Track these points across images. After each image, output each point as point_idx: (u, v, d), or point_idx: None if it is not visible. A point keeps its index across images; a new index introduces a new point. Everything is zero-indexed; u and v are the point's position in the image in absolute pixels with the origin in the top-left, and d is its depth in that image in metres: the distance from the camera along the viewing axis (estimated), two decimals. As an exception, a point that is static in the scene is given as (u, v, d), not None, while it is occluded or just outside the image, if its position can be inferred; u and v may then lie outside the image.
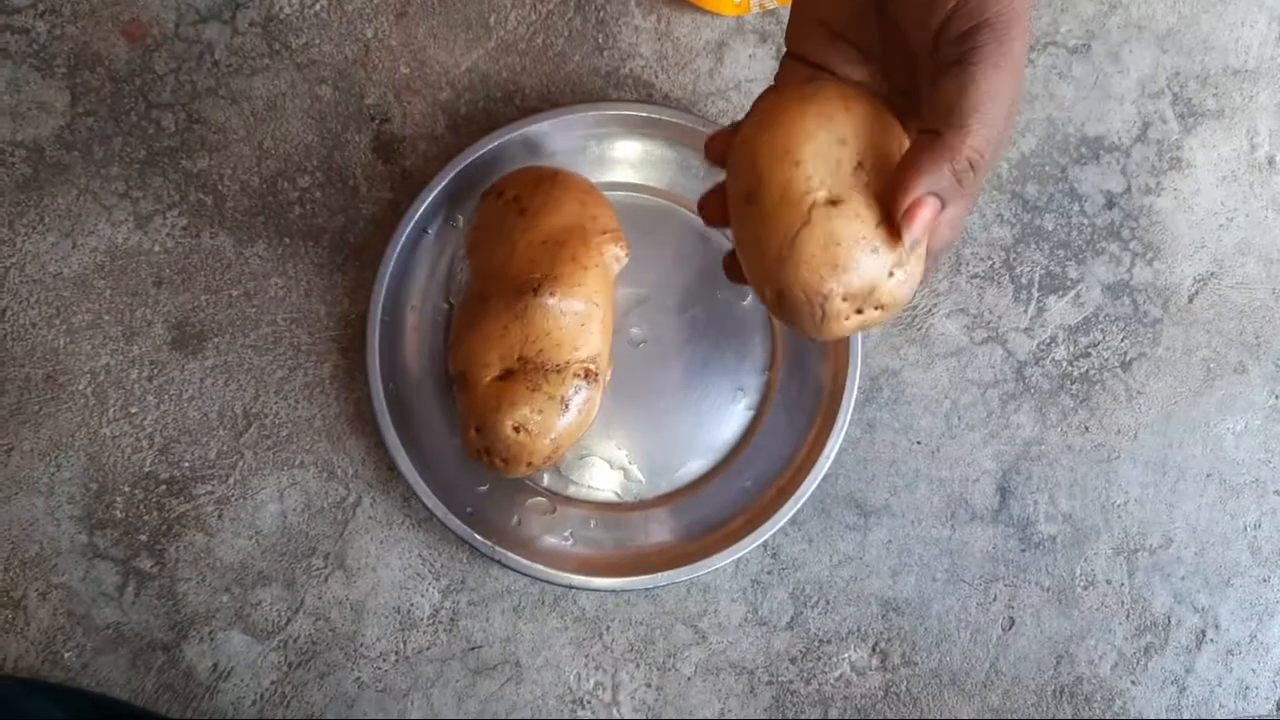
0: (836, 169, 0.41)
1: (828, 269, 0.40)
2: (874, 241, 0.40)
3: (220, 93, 0.67)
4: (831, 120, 0.41)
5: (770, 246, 0.40)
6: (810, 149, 0.41)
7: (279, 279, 0.66)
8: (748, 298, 0.66)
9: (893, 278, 0.41)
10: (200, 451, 0.64)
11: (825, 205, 0.40)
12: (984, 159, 0.39)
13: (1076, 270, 0.69)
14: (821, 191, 0.40)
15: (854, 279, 0.40)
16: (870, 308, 0.41)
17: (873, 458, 0.66)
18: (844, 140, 0.41)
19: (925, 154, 0.39)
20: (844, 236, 0.40)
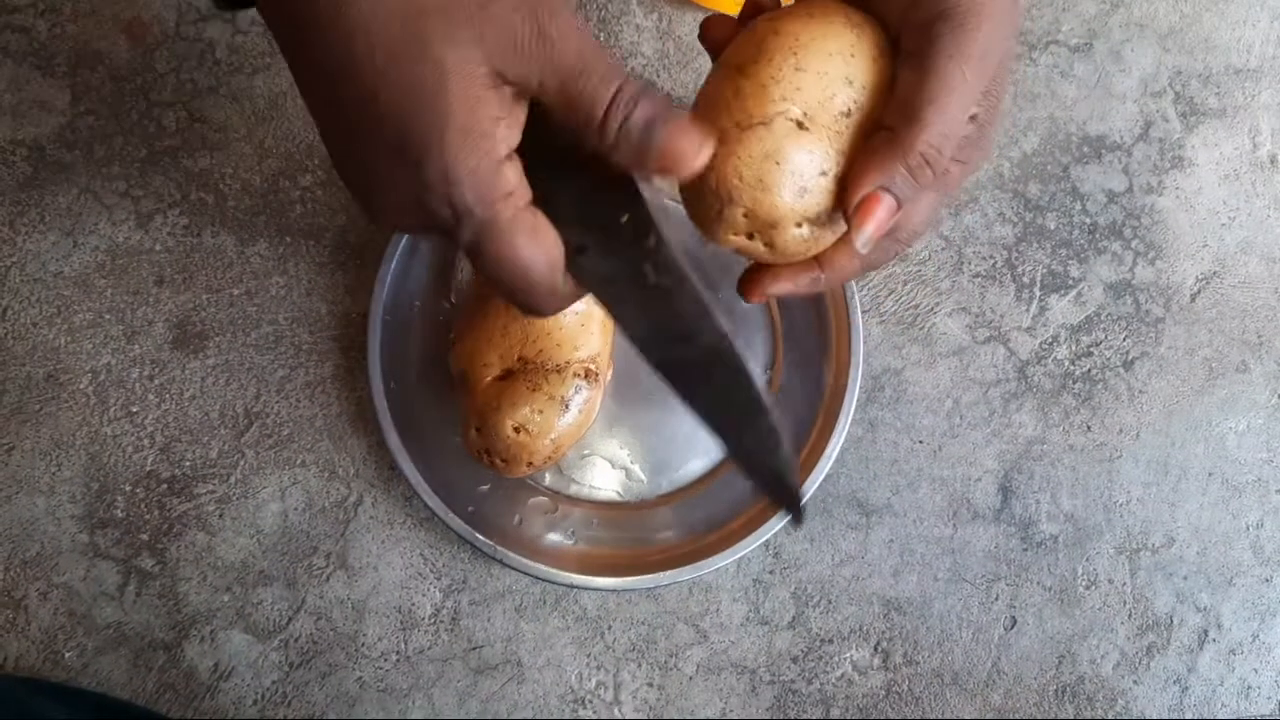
0: (827, 101, 0.38)
1: (753, 178, 0.38)
2: (806, 184, 0.38)
3: (221, 91, 0.67)
4: (853, 59, 0.39)
5: (723, 119, 0.38)
6: (819, 66, 0.38)
7: (280, 278, 0.66)
8: (749, 297, 0.66)
9: (798, 229, 0.39)
10: (201, 451, 0.64)
11: (792, 122, 0.38)
12: (941, 154, 0.37)
13: (1078, 269, 0.68)
14: (798, 109, 0.38)
15: (766, 205, 0.38)
16: (760, 241, 0.39)
17: (875, 457, 0.66)
18: (851, 82, 0.39)
19: (878, 150, 0.38)
20: (787, 160, 0.38)
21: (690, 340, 0.38)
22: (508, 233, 0.36)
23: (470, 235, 0.36)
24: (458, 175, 0.35)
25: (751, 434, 0.38)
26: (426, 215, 0.36)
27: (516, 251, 0.37)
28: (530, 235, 0.37)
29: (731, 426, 0.38)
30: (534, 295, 0.38)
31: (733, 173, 0.38)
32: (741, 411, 0.38)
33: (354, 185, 0.38)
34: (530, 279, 0.37)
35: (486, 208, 0.35)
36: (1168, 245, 0.69)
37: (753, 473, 0.38)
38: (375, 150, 0.36)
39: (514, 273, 0.37)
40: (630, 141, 0.36)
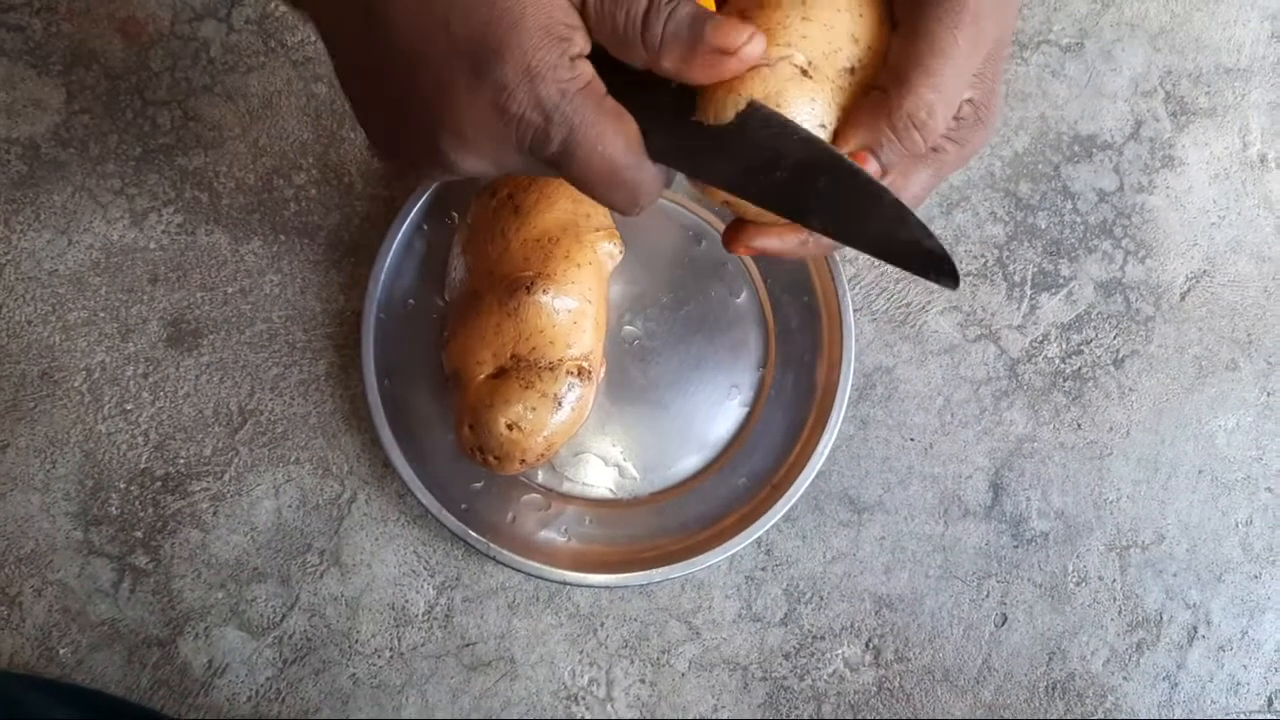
0: (832, 55, 0.38)
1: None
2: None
3: (216, 90, 0.67)
4: (860, 18, 0.39)
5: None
6: (826, 18, 0.38)
7: (274, 276, 0.66)
8: (742, 294, 0.67)
9: None
10: (195, 448, 0.64)
11: (796, 68, 0.37)
12: (929, 120, 0.37)
13: (1069, 268, 0.69)
14: (802, 56, 0.38)
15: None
16: None
17: (866, 454, 0.66)
18: (856, 40, 0.39)
19: (866, 109, 0.38)
20: (788, 104, 0.37)
21: (778, 163, 0.37)
22: (597, 123, 0.36)
23: (562, 132, 0.36)
24: (541, 69, 0.35)
25: (877, 218, 0.36)
26: (508, 126, 0.36)
27: (607, 142, 0.36)
28: (616, 120, 0.36)
29: (857, 220, 0.36)
30: (624, 186, 0.38)
31: (730, 104, 0.37)
32: (858, 201, 0.36)
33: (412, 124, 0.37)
34: (619, 166, 0.37)
35: (573, 100, 0.35)
36: (1158, 244, 0.69)
37: (893, 255, 0.35)
38: (446, 68, 0.35)
39: (604, 164, 0.36)
40: (678, 40, 0.35)
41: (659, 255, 0.67)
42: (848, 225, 0.36)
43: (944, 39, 0.37)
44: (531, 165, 0.38)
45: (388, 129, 0.39)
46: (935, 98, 0.37)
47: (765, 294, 0.67)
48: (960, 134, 0.39)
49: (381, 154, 0.42)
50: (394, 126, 0.38)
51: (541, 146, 0.36)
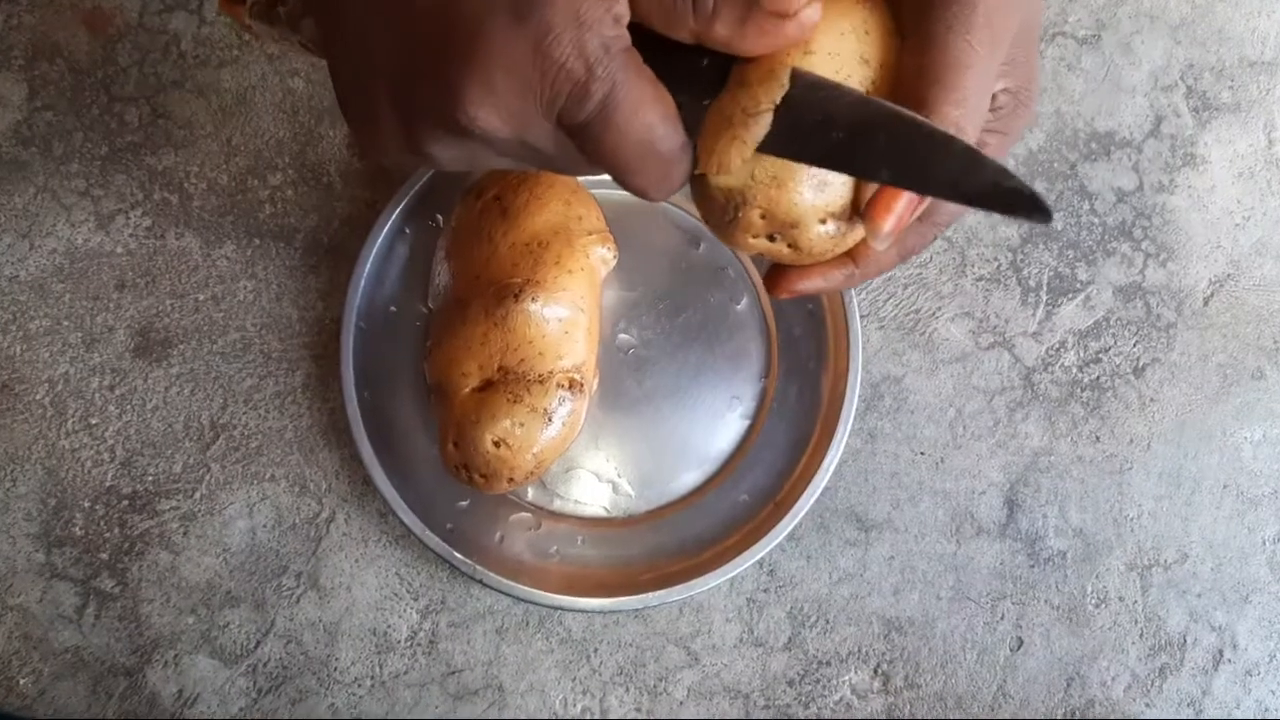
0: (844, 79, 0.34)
1: (766, 174, 0.34)
2: (828, 177, 0.35)
3: (186, 86, 0.64)
4: (868, 35, 0.35)
5: (727, 108, 0.34)
6: (830, 46, 0.34)
7: (248, 282, 0.62)
8: (742, 300, 0.63)
9: (822, 226, 0.36)
10: (165, 465, 0.61)
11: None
12: (963, 134, 0.34)
13: (1087, 272, 0.65)
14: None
15: (783, 203, 0.34)
16: (783, 242, 0.36)
17: (874, 469, 0.63)
18: (866, 61, 0.35)
19: None
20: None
21: (833, 123, 0.33)
22: (639, 85, 0.33)
23: (603, 89, 0.32)
24: (589, 19, 0.31)
25: (950, 165, 0.32)
26: (545, 75, 0.32)
27: (647, 107, 0.33)
28: (654, 87, 0.33)
29: (929, 170, 0.32)
30: (658, 160, 0.34)
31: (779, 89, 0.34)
32: (927, 151, 0.32)
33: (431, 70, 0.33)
34: (656, 137, 0.33)
35: (616, 58, 0.32)
36: (1180, 246, 0.66)
37: (972, 200, 0.32)
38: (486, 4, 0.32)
39: (642, 133, 0.33)
40: (733, 3, 0.32)
41: (655, 259, 0.64)
42: (919, 176, 0.32)
43: (958, 48, 0.33)
44: (544, 138, 0.34)
45: (397, 83, 0.35)
46: (960, 114, 0.34)
47: (767, 300, 0.63)
48: (1000, 124, 0.36)
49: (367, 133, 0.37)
50: (407, 76, 0.34)
51: (577, 104, 0.33)
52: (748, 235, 0.36)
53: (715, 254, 0.64)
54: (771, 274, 0.40)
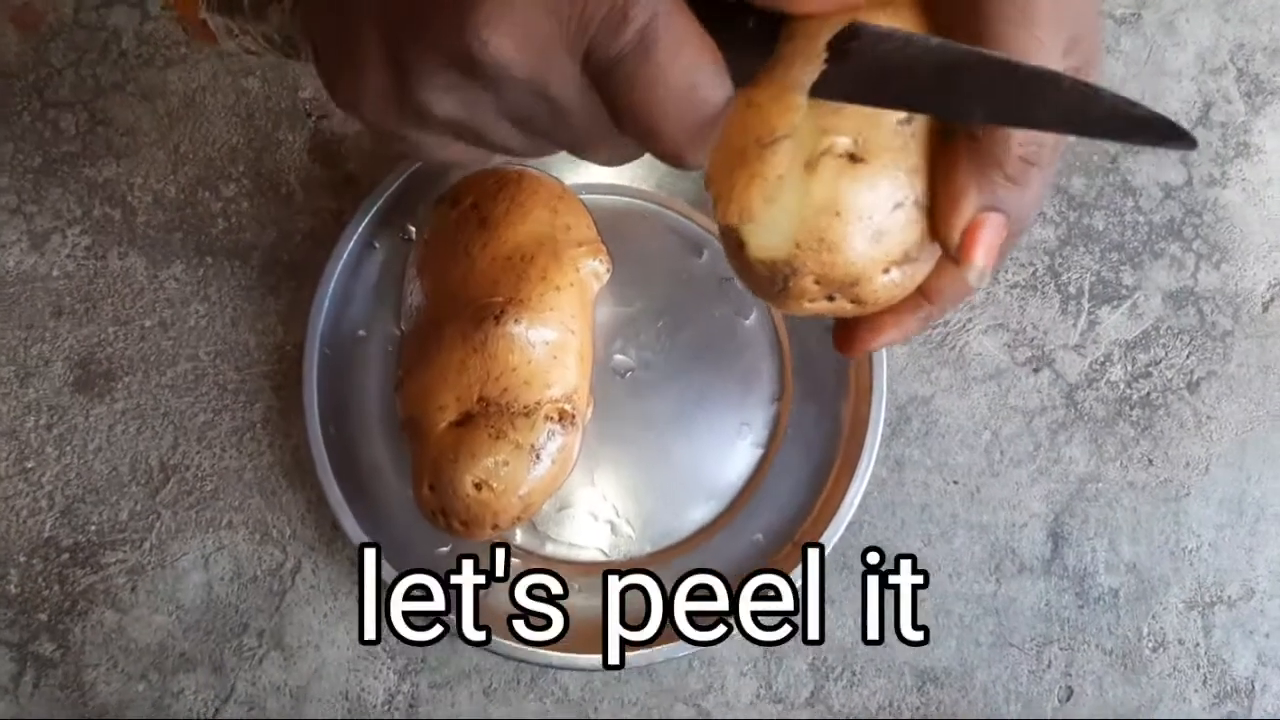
0: (878, 114, 0.30)
1: (811, 239, 0.30)
2: (881, 225, 0.30)
3: (129, 88, 0.58)
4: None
5: (740, 140, 0.31)
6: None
7: (200, 306, 0.56)
8: (751, 315, 0.57)
9: (886, 275, 0.31)
10: (109, 512, 0.55)
11: (841, 158, 0.30)
12: (1042, 145, 0.30)
13: (1132, 276, 0.59)
14: (845, 139, 0.30)
15: (839, 264, 0.30)
16: (845, 300, 0.32)
17: (902, 501, 0.57)
18: None
19: (965, 163, 0.30)
20: (850, 208, 0.30)
21: (913, 63, 0.29)
22: (682, 17, 0.28)
23: (644, 16, 0.27)
24: None
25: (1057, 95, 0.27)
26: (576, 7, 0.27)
27: (691, 45, 0.28)
28: (699, 26, 0.28)
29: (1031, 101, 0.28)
30: (698, 108, 0.29)
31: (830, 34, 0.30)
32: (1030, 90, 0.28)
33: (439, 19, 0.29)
34: (699, 81, 0.28)
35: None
36: (1234, 246, 0.60)
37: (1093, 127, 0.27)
38: None
39: (684, 74, 0.28)
40: None
41: (653, 271, 0.58)
42: (1021, 109, 0.28)
43: (1023, 43, 0.29)
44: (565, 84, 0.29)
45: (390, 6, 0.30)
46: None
47: (779, 314, 0.57)
48: None
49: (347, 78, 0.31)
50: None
51: (612, 33, 0.28)
52: (803, 301, 0.32)
53: (720, 264, 0.57)
54: (840, 333, 0.37)
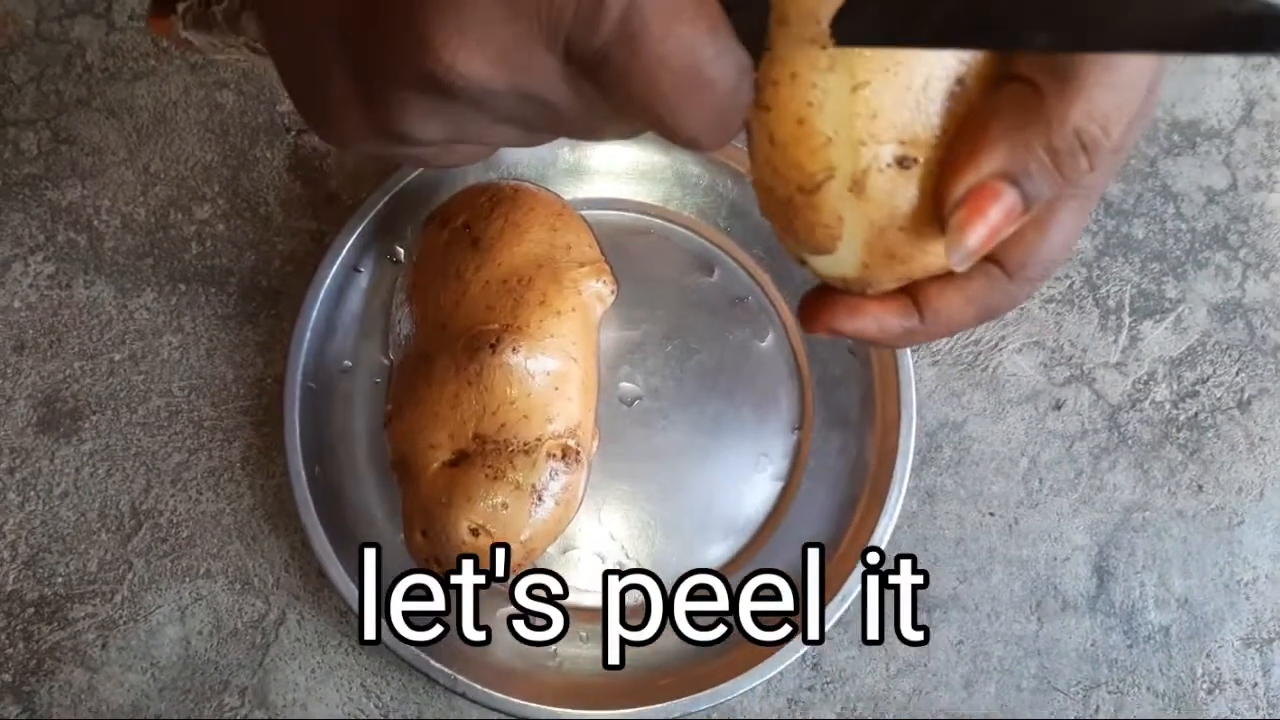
0: (921, 101, 0.25)
1: (882, 258, 0.26)
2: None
3: (94, 104, 0.54)
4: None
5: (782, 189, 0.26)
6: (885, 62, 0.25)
7: (173, 337, 0.52)
8: (768, 337, 0.53)
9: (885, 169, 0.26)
10: (77, 562, 0.51)
11: (890, 168, 0.25)
12: (1107, 135, 0.25)
13: (1176, 288, 0.55)
14: (888, 148, 0.25)
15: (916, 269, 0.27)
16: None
17: (934, 536, 0.52)
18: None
19: (1007, 115, 0.25)
20: (914, 217, 0.26)
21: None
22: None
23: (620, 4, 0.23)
24: None
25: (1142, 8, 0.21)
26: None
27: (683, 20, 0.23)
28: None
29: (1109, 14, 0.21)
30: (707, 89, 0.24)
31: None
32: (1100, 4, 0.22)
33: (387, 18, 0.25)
34: (702, 58, 0.24)
35: None
36: (1284, 253, 0.56)
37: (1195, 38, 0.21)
38: None
39: (682, 53, 0.23)
40: None
41: (660, 290, 0.54)
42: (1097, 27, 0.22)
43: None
44: (552, 84, 0.25)
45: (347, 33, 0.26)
46: (1113, 100, 0.24)
47: (797, 335, 0.53)
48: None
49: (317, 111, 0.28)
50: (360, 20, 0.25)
51: (587, 25, 0.23)
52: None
53: (732, 282, 0.54)
54: (811, 302, 0.30)
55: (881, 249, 0.26)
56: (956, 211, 0.25)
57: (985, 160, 0.24)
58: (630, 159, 0.54)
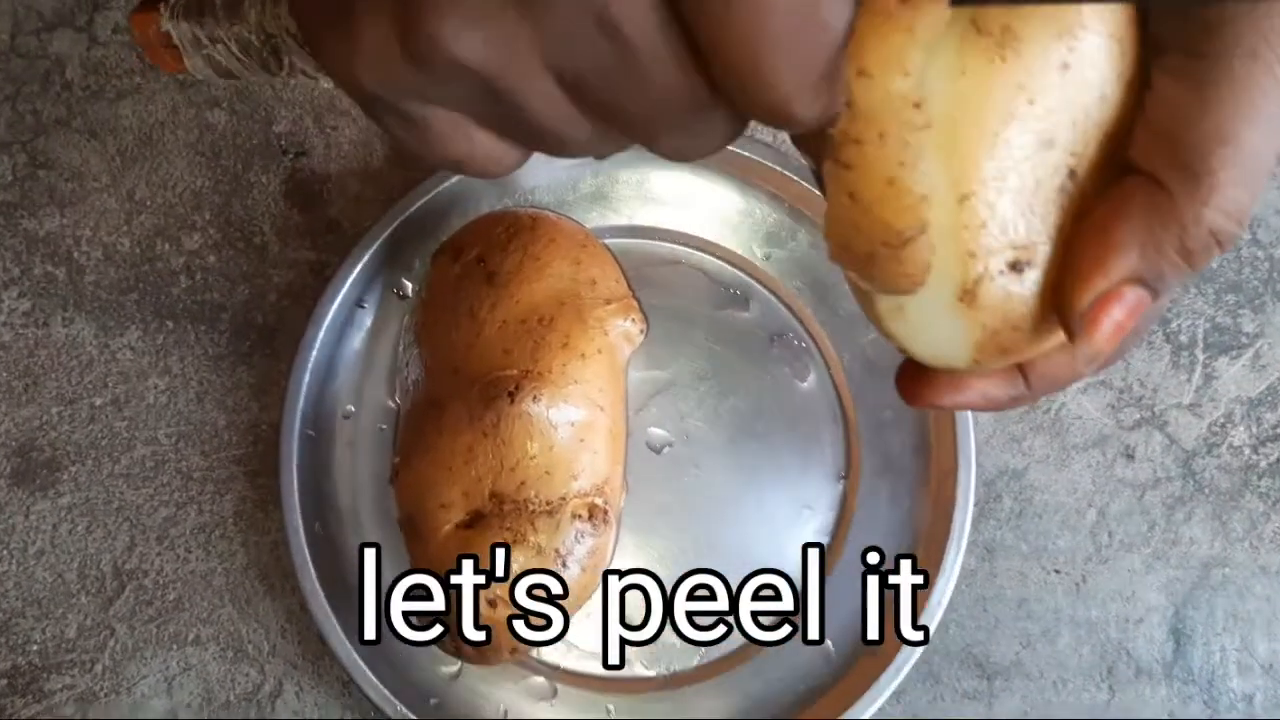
0: (1033, 204, 0.23)
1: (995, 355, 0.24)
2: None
3: (74, 125, 0.50)
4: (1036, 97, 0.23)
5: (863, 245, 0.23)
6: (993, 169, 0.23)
7: (159, 380, 0.48)
8: (809, 377, 0.49)
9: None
10: (54, 628, 0.46)
11: (1004, 274, 0.23)
12: (1241, 225, 0.23)
13: (1253, 322, 0.51)
14: (1002, 256, 0.23)
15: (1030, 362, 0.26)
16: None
17: (994, 596, 0.48)
18: (1051, 141, 0.23)
19: (1134, 218, 0.23)
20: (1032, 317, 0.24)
21: None
22: None
23: None
24: None
25: None
26: None
27: None
28: None
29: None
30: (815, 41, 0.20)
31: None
32: None
33: None
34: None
35: None
36: (1371, 282, 0.51)
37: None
38: None
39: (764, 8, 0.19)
40: None
41: (692, 326, 0.49)
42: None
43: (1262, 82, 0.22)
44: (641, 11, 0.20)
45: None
46: (1246, 190, 0.23)
47: (842, 375, 0.49)
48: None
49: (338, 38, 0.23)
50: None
51: None
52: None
53: (770, 316, 0.49)
54: (909, 380, 0.28)
55: (994, 347, 0.24)
56: (1087, 318, 0.23)
57: (1114, 266, 0.23)
58: (659, 182, 0.50)
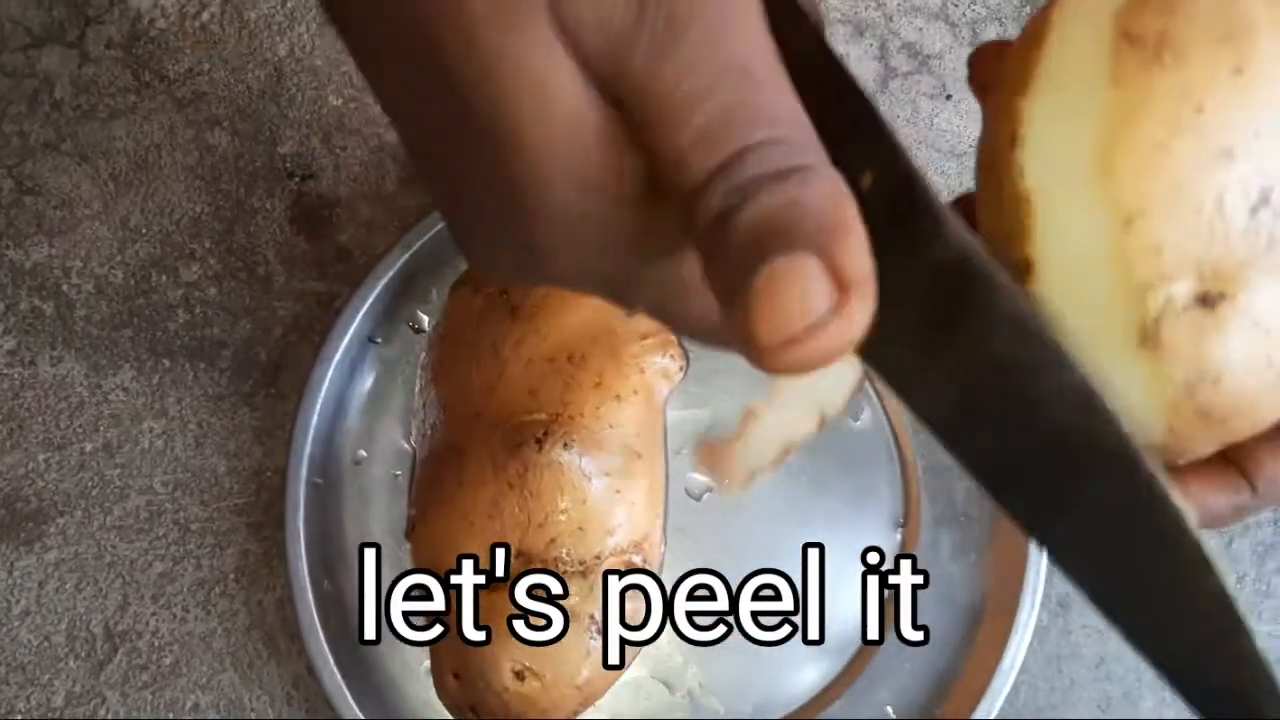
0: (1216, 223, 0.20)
1: (1193, 422, 0.21)
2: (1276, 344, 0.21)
3: (64, 147, 0.47)
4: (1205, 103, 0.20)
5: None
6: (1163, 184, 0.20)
7: (155, 423, 0.45)
8: (862, 415, 0.45)
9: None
10: (40, 695, 0.44)
11: (1189, 309, 0.20)
12: None
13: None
14: (1184, 284, 0.20)
15: (1244, 428, 0.21)
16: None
17: (1069, 654, 0.44)
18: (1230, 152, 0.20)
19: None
20: (1232, 363, 0.20)
21: (1034, 412, 0.18)
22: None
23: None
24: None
25: (1197, 633, 0.17)
26: None
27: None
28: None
29: (1156, 616, 0.17)
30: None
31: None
32: (1174, 589, 0.17)
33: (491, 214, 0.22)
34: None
35: None
36: None
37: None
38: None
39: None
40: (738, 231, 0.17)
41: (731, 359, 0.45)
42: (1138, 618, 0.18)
43: None
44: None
45: (468, 221, 0.24)
46: None
47: (899, 413, 0.45)
48: None
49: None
50: (471, 216, 0.23)
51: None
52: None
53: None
54: None
55: (1192, 409, 0.21)
56: None
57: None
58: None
